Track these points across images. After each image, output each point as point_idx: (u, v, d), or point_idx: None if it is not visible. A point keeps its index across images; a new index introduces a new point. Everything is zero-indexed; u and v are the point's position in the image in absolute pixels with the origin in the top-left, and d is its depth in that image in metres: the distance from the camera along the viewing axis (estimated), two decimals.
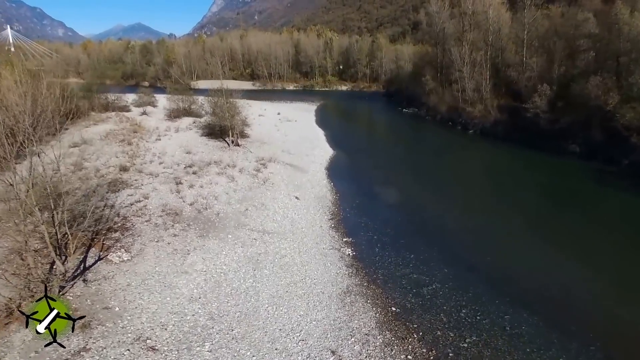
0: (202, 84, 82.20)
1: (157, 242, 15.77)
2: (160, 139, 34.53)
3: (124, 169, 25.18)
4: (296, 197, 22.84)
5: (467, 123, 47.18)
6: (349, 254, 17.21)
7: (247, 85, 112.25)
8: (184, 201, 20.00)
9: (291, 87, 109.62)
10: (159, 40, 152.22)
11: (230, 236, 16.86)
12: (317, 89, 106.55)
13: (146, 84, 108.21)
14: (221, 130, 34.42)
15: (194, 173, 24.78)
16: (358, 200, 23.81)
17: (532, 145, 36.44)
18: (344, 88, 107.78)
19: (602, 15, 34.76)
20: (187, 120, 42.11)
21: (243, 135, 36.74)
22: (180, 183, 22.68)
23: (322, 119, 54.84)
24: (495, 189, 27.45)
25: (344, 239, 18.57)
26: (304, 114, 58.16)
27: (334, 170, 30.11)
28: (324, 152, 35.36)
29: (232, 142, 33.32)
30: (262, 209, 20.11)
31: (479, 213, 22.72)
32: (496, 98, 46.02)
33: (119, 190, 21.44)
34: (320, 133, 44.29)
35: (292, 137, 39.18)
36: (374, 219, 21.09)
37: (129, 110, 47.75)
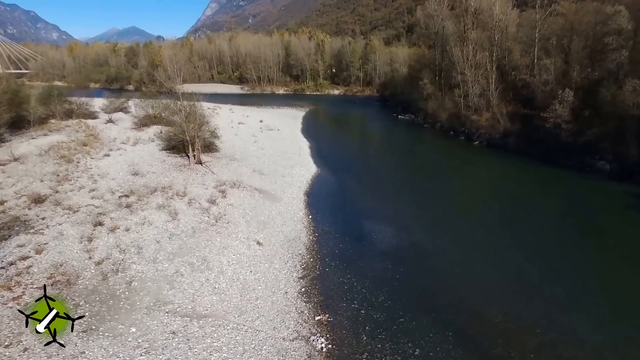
0: (189, 88, 76.37)
1: (3, 348, 9.70)
2: (109, 155, 28.71)
3: (37, 200, 19.23)
4: (257, 242, 16.91)
5: (472, 133, 41.60)
6: (321, 348, 11.36)
7: (235, 89, 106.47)
8: (90, 257, 13.98)
9: (281, 91, 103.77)
10: (145, 42, 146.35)
11: (134, 329, 10.75)
12: (308, 93, 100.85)
13: (131, 87, 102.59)
14: (183, 144, 28.62)
15: (128, 206, 18.83)
16: (342, 244, 17.92)
17: (551, 160, 31.08)
18: (336, 92, 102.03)
19: (633, 8, 29.33)
20: (153, 130, 36.55)
21: (212, 149, 30.87)
22: (101, 224, 16.72)
23: (309, 128, 49.04)
24: (516, 224, 21.50)
25: (317, 317, 12.71)
26: (289, 121, 52.35)
27: (315, 197, 24.18)
28: (306, 170, 29.40)
29: (194, 158, 27.46)
30: (201, 268, 14.07)
31: (499, 264, 16.93)
32: (505, 105, 40.50)
33: (9, 236, 15.48)
34: (304, 145, 38.38)
35: (269, 151, 33.26)
36: (362, 276, 15.26)
37: (95, 117, 42.27)
